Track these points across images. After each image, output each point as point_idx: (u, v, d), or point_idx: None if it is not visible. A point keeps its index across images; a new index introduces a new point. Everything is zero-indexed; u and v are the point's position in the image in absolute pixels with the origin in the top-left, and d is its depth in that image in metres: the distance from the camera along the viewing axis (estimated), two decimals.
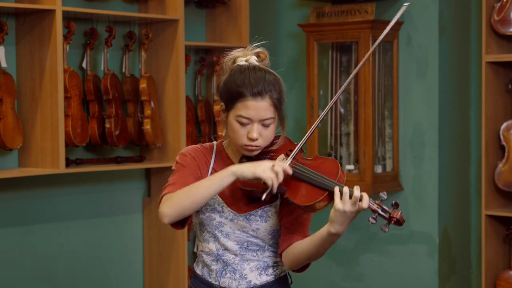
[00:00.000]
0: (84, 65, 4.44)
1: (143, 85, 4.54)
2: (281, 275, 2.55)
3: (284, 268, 2.56)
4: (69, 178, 4.51)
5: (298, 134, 5.02)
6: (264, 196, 2.34)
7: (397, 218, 2.29)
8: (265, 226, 2.49)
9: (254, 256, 2.51)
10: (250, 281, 2.51)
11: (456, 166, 4.73)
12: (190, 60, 4.90)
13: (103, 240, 4.69)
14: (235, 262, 2.50)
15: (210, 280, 2.53)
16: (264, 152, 2.50)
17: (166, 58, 4.63)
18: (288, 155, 2.47)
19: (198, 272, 2.57)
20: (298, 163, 2.42)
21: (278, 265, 2.55)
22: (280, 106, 2.45)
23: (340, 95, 2.53)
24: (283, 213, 2.49)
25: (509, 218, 4.47)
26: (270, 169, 2.31)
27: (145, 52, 4.62)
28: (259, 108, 2.40)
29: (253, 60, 2.49)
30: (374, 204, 2.31)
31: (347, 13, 4.61)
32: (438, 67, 4.58)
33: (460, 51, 4.72)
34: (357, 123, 4.66)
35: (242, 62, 2.48)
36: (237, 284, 2.50)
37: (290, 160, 2.41)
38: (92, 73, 4.41)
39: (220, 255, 2.51)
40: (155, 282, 4.77)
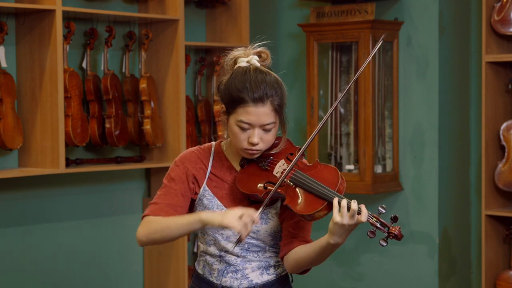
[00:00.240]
0: (84, 65, 4.44)
1: (143, 85, 4.54)
2: (282, 274, 2.56)
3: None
4: (69, 178, 4.51)
5: (298, 135, 5.02)
6: (234, 247, 2.35)
7: (395, 234, 2.30)
8: (265, 228, 2.49)
9: (256, 256, 2.51)
10: (252, 280, 2.51)
11: (456, 166, 4.73)
12: (190, 60, 4.90)
13: (103, 240, 4.69)
14: (237, 263, 2.50)
15: (212, 279, 2.53)
16: (265, 155, 2.49)
17: (166, 58, 4.64)
18: (288, 159, 2.46)
19: (200, 271, 2.57)
20: (298, 170, 2.41)
21: (279, 264, 2.55)
22: (281, 111, 2.43)
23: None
24: (285, 216, 2.48)
25: (509, 218, 4.47)
26: (238, 219, 2.28)
27: (145, 52, 4.62)
28: (260, 113, 2.38)
29: (254, 60, 2.46)
30: (372, 218, 2.30)
31: (347, 13, 4.61)
32: (438, 67, 4.58)
33: (460, 51, 4.72)
34: (357, 123, 4.66)
35: (244, 64, 2.45)
36: (238, 284, 2.50)
37: (283, 179, 2.39)
38: (92, 73, 4.41)
39: (222, 256, 2.51)
40: (155, 282, 4.77)
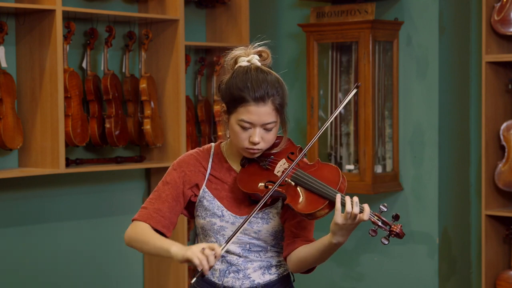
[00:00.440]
0: (84, 65, 4.44)
1: (143, 85, 4.54)
2: (284, 273, 2.55)
3: (287, 267, 2.56)
4: (69, 178, 4.51)
5: (298, 135, 5.02)
6: (193, 280, 2.34)
7: (397, 232, 2.29)
8: (266, 228, 2.48)
9: (257, 256, 2.51)
10: (254, 280, 2.51)
11: (456, 166, 4.73)
12: (190, 60, 4.90)
13: (103, 240, 4.69)
14: (239, 263, 2.50)
15: (214, 280, 2.52)
16: (265, 154, 2.49)
17: (166, 58, 4.64)
18: (289, 158, 2.46)
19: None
20: (299, 170, 2.41)
21: (281, 264, 2.55)
22: (282, 110, 2.43)
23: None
24: (286, 216, 2.48)
25: (509, 218, 4.47)
26: (200, 251, 2.27)
27: (145, 52, 4.62)
28: (261, 113, 2.38)
29: (255, 60, 2.46)
30: (374, 217, 2.29)
31: (347, 13, 4.61)
32: (438, 67, 4.58)
33: (460, 51, 4.72)
34: (357, 123, 4.66)
35: (244, 63, 2.45)
36: (240, 284, 2.50)
37: (285, 176, 2.39)
38: (92, 73, 4.41)
39: (224, 256, 2.50)
40: (155, 282, 4.77)
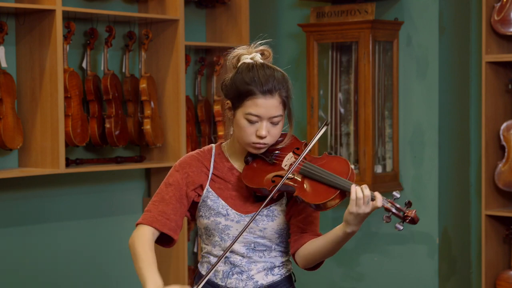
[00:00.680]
0: (84, 65, 4.44)
1: (143, 85, 4.54)
2: (286, 274, 2.55)
3: (289, 267, 2.57)
4: (69, 178, 4.51)
5: (298, 135, 5.01)
6: None
7: (411, 217, 2.29)
8: (272, 225, 2.48)
9: (261, 257, 2.50)
10: (257, 281, 2.50)
11: (456, 166, 4.73)
12: (190, 60, 4.89)
13: (103, 240, 4.69)
14: (242, 264, 2.50)
15: (216, 281, 2.52)
16: (271, 150, 2.50)
17: (166, 58, 4.63)
18: (295, 153, 2.47)
19: (203, 273, 2.55)
20: (307, 162, 2.43)
21: (284, 264, 2.55)
22: (289, 103, 2.47)
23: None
24: (292, 212, 2.49)
25: (509, 218, 4.47)
26: None
27: (145, 52, 4.62)
28: (269, 106, 2.40)
29: (258, 58, 2.48)
30: (388, 203, 2.31)
31: (347, 13, 4.61)
32: (438, 67, 4.58)
33: (460, 51, 4.72)
34: (357, 123, 4.66)
35: (248, 60, 2.47)
36: (244, 285, 2.50)
37: (293, 168, 2.40)
38: (92, 73, 4.41)
39: (227, 257, 2.50)
40: None
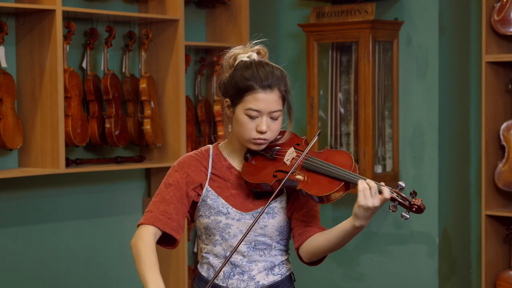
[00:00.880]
0: (84, 65, 4.44)
1: (143, 85, 4.54)
2: (286, 274, 2.56)
3: (289, 266, 2.57)
4: (69, 178, 4.51)
5: (298, 134, 5.01)
6: None
7: (418, 205, 2.31)
8: (272, 222, 2.49)
9: (261, 255, 2.51)
10: (258, 281, 2.50)
11: (456, 166, 4.73)
12: (190, 60, 4.89)
13: (103, 240, 4.69)
14: (243, 264, 2.50)
15: (217, 282, 2.51)
16: (271, 146, 2.52)
17: (166, 58, 4.63)
18: (296, 148, 2.49)
19: (204, 274, 2.55)
20: (310, 156, 2.45)
21: (283, 264, 2.55)
22: (288, 98, 2.50)
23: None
24: (294, 207, 2.50)
25: (509, 218, 4.47)
26: None
27: (145, 52, 4.62)
28: (269, 100, 2.43)
29: (254, 56, 2.51)
30: (393, 193, 2.33)
31: (347, 13, 4.61)
32: (438, 67, 4.58)
33: (460, 51, 4.72)
34: (357, 123, 4.66)
35: (245, 58, 2.49)
36: (245, 285, 2.50)
37: (298, 162, 2.42)
38: (92, 73, 4.41)
39: (228, 256, 2.50)
40: None
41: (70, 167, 4.32)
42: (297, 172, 2.42)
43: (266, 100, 2.42)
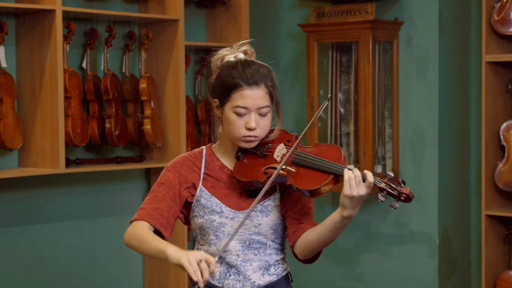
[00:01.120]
0: (84, 65, 4.44)
1: (143, 85, 4.54)
2: (283, 274, 2.56)
3: (286, 266, 2.57)
4: (69, 178, 4.51)
5: (298, 134, 5.02)
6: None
7: (406, 194, 2.32)
8: (266, 220, 2.50)
9: (256, 254, 2.51)
10: (254, 282, 2.51)
11: (456, 166, 4.73)
12: (190, 60, 4.90)
13: (103, 240, 4.69)
14: (238, 264, 2.50)
15: (213, 282, 2.52)
16: (262, 144, 2.52)
17: (166, 58, 4.64)
18: (286, 145, 2.50)
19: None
20: (299, 151, 2.46)
21: (279, 263, 2.55)
22: (275, 94, 2.50)
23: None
24: (287, 205, 2.51)
25: (509, 218, 4.47)
26: (196, 261, 2.27)
27: (145, 52, 4.62)
28: (256, 96, 2.44)
29: (241, 56, 2.54)
30: (382, 183, 2.34)
31: (347, 13, 4.61)
32: (438, 67, 4.58)
33: (460, 51, 4.72)
34: (357, 123, 4.66)
35: (231, 59, 2.53)
36: (241, 286, 2.50)
37: (287, 158, 2.43)
38: (92, 73, 4.41)
39: (222, 257, 2.50)
40: (155, 282, 4.77)
41: (70, 167, 4.32)
42: (287, 168, 2.42)
43: (253, 96, 2.43)
